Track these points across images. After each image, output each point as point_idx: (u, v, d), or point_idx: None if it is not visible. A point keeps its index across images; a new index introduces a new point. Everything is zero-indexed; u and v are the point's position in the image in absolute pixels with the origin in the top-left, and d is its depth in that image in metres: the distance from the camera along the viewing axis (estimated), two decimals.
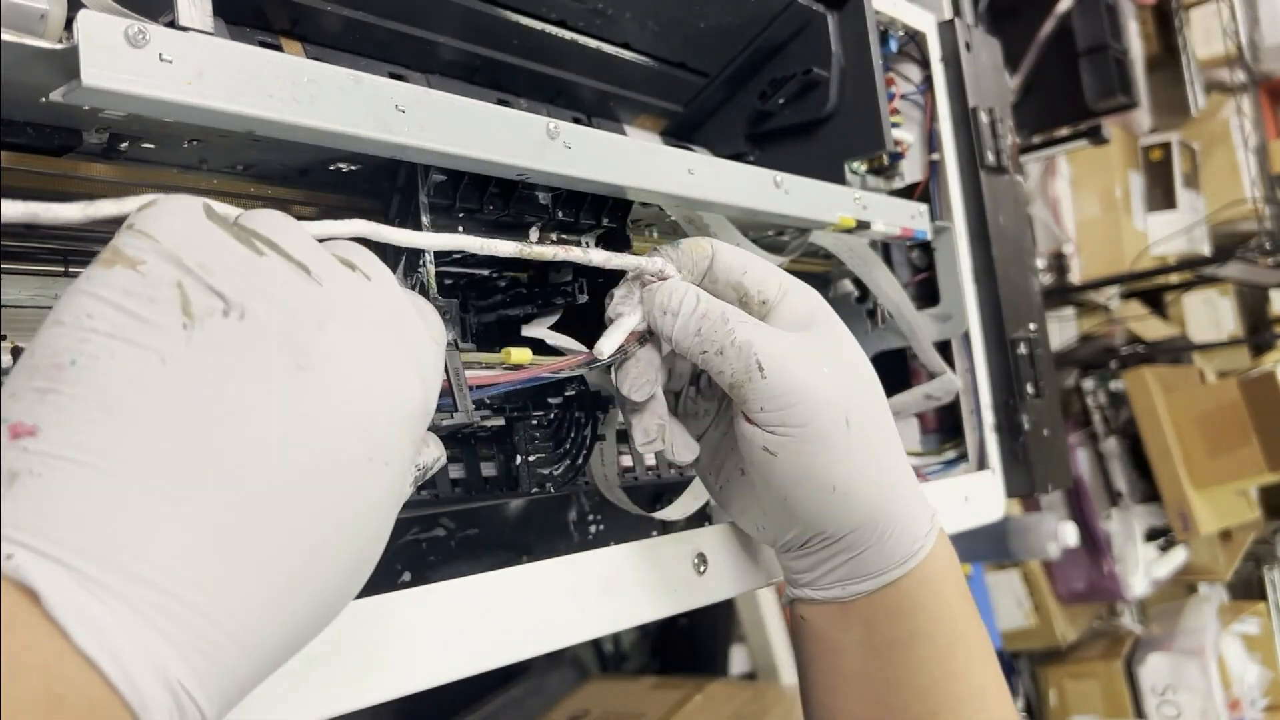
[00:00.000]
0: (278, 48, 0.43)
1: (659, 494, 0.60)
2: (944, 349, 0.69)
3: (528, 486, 0.46)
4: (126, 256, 0.24)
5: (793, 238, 0.59)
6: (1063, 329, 1.91)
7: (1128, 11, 1.63)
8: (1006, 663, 1.52)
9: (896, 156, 0.71)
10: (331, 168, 0.40)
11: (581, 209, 0.45)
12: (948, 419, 0.71)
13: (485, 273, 0.49)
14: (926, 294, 0.71)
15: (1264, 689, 1.69)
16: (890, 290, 0.62)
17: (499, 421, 0.46)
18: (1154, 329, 1.93)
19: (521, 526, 0.41)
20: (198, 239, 0.25)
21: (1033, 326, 0.72)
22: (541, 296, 0.49)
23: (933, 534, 0.42)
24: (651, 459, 0.54)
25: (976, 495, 0.67)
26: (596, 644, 1.17)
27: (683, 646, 1.18)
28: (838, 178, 0.58)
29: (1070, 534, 1.36)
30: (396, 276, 0.39)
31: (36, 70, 0.28)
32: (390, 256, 0.40)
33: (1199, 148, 1.98)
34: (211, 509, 0.23)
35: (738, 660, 1.18)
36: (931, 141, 0.70)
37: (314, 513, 0.25)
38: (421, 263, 0.39)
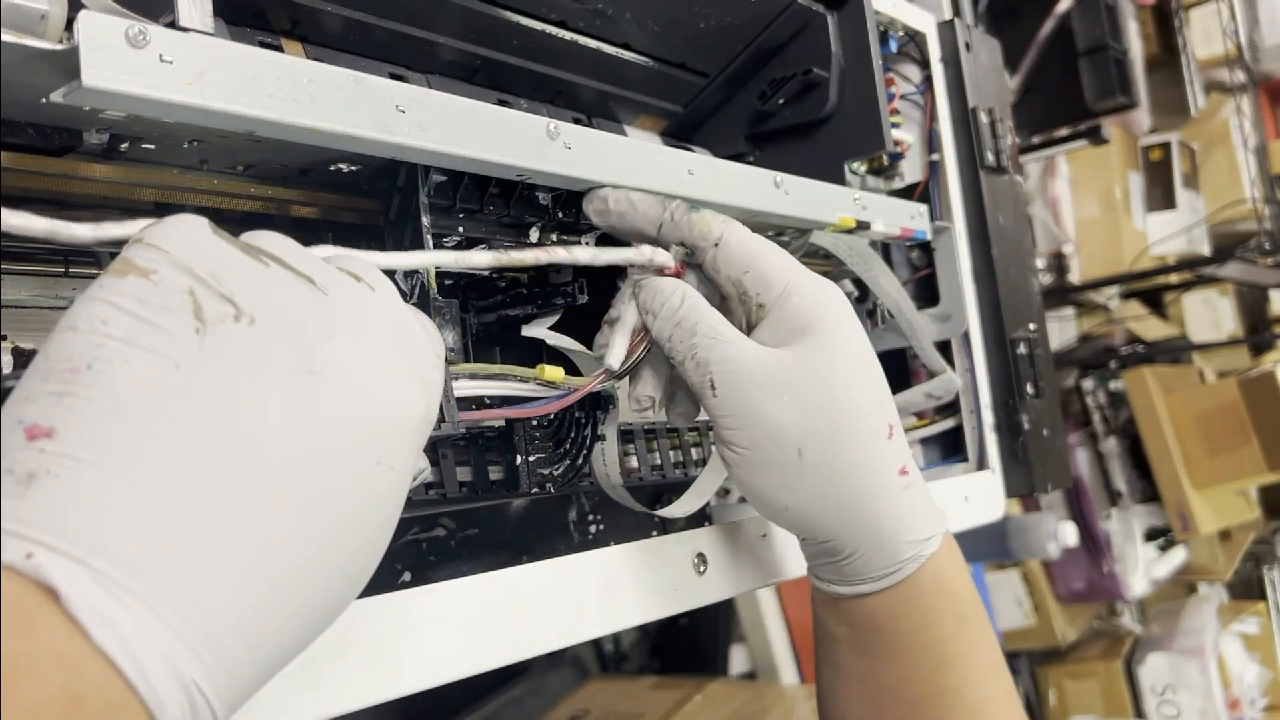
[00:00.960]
0: (278, 48, 0.43)
1: (660, 493, 0.60)
2: (944, 349, 0.69)
3: (528, 486, 0.46)
4: (138, 267, 0.25)
5: (793, 238, 0.59)
6: (1062, 329, 1.91)
7: (1127, 11, 1.63)
8: (1006, 662, 1.52)
9: (896, 157, 0.71)
10: (332, 168, 0.40)
11: (582, 209, 0.45)
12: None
13: (485, 273, 0.49)
14: (926, 294, 0.71)
15: (1263, 689, 1.69)
16: (891, 289, 0.62)
17: (499, 422, 0.46)
18: (1154, 329, 1.93)
19: (521, 526, 0.41)
20: (206, 250, 0.26)
21: (1032, 326, 0.72)
22: (542, 297, 0.49)
23: (920, 556, 0.41)
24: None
25: (976, 495, 0.67)
26: (596, 644, 1.17)
27: (683, 646, 1.18)
28: (837, 178, 0.58)
29: (1070, 534, 1.36)
30: (397, 277, 0.40)
31: (37, 71, 0.28)
32: None
33: (1199, 148, 1.98)
34: (223, 508, 0.23)
35: (737, 660, 1.18)
36: (931, 142, 0.70)
37: (322, 514, 0.25)
38: None
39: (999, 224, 0.71)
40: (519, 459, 0.46)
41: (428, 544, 0.37)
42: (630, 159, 0.42)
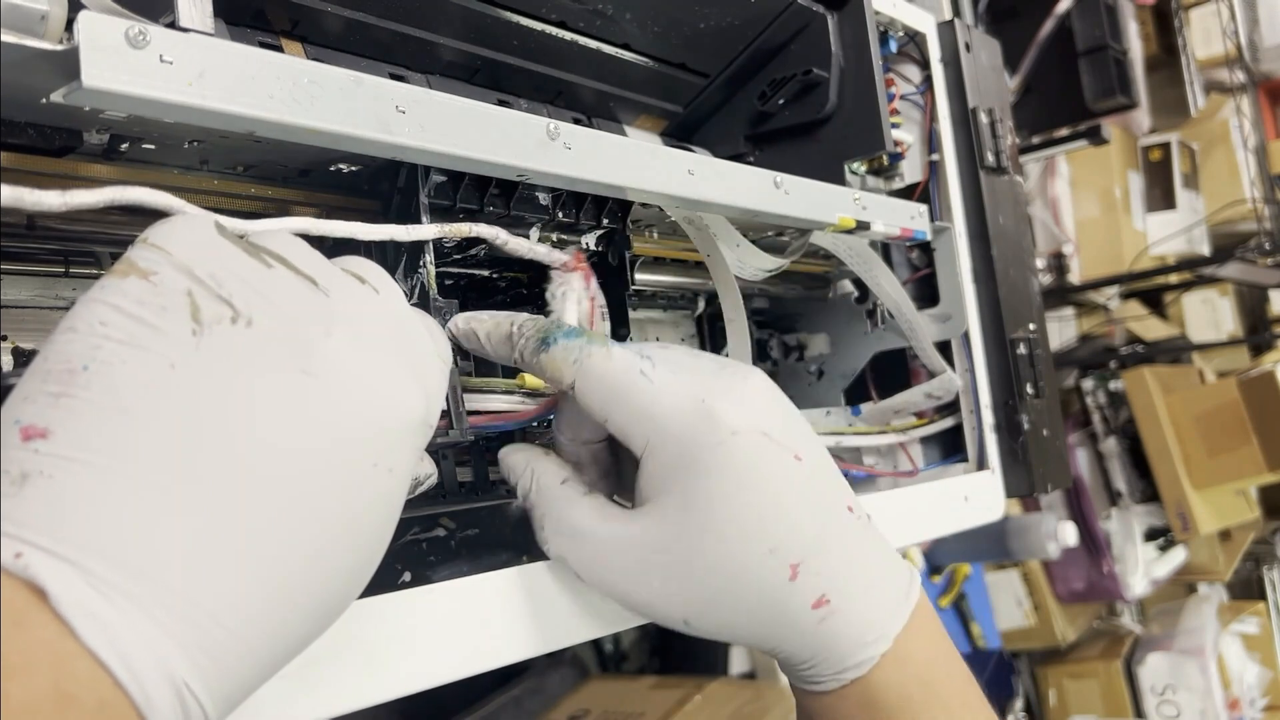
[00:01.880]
0: (278, 49, 0.43)
1: None
2: (944, 349, 0.69)
3: None
4: (140, 268, 0.25)
5: (793, 238, 0.59)
6: (1062, 329, 1.91)
7: (1127, 12, 1.63)
8: (1006, 662, 1.52)
9: (896, 157, 0.71)
10: (332, 168, 0.40)
11: (582, 209, 0.45)
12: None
13: (486, 273, 0.49)
14: (926, 294, 0.71)
15: (1263, 689, 1.69)
16: (891, 289, 0.62)
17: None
18: (1153, 329, 1.93)
19: (521, 526, 0.41)
20: (208, 252, 0.26)
21: (1032, 327, 0.72)
22: (541, 297, 0.49)
23: (867, 661, 0.37)
24: None
25: (976, 495, 0.67)
26: (596, 644, 1.17)
27: (682, 646, 1.18)
28: (837, 178, 0.58)
29: (1070, 534, 1.36)
30: (397, 277, 0.40)
31: (37, 71, 0.28)
32: (390, 258, 0.40)
33: (1198, 148, 1.98)
34: (217, 510, 0.23)
35: (737, 660, 1.18)
36: (931, 142, 0.70)
37: (318, 516, 0.25)
38: (422, 263, 0.39)
39: (999, 224, 0.71)
40: None
41: (428, 544, 0.37)
42: (630, 159, 0.42)
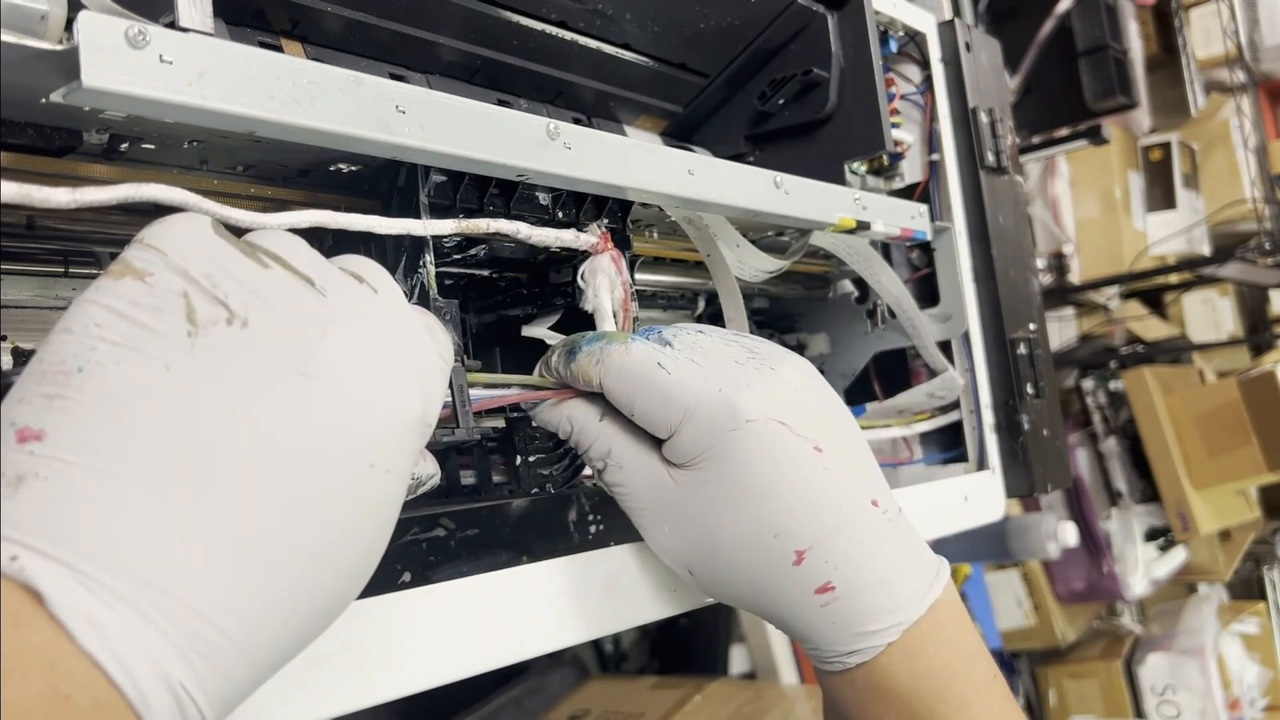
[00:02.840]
0: (278, 48, 0.43)
1: None
2: (944, 349, 0.69)
3: (528, 486, 0.46)
4: (135, 269, 0.25)
5: (793, 238, 0.59)
6: (1062, 329, 1.91)
7: (1127, 12, 1.63)
8: (1006, 662, 1.52)
9: (896, 157, 0.71)
10: (332, 168, 0.40)
11: (582, 209, 0.45)
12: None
13: (486, 273, 0.49)
14: (926, 294, 0.71)
15: (1263, 689, 1.69)
16: (892, 288, 0.62)
17: (499, 423, 0.46)
18: (1154, 329, 1.93)
19: (521, 526, 0.41)
20: (204, 252, 0.26)
21: (1032, 327, 0.72)
22: (541, 297, 0.49)
23: (873, 648, 0.38)
24: None
25: (976, 495, 0.67)
26: (596, 644, 1.17)
27: (682, 646, 1.18)
28: (838, 178, 0.58)
29: (1070, 534, 1.36)
30: (397, 277, 0.40)
31: (37, 71, 0.28)
32: (390, 257, 0.40)
33: (1198, 148, 1.98)
34: (212, 512, 0.23)
35: (737, 660, 1.18)
36: (931, 142, 0.70)
37: (314, 517, 0.25)
38: (422, 263, 0.39)
39: (999, 224, 0.71)
40: (519, 459, 0.46)
41: (428, 544, 0.37)
42: (630, 159, 0.42)
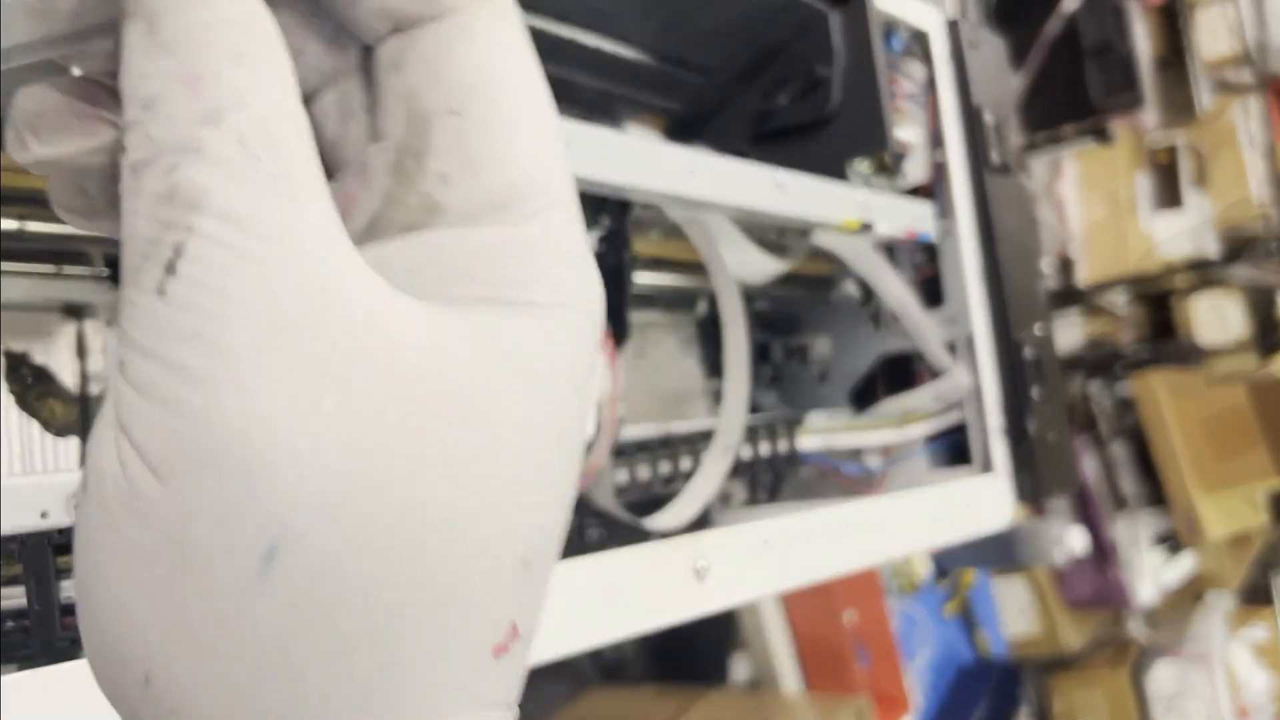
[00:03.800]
0: None
1: (657, 503, 0.59)
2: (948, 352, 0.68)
3: None
4: None
5: (795, 239, 0.58)
6: (1068, 332, 1.90)
7: (1134, 11, 1.62)
8: (1012, 671, 1.50)
9: (900, 157, 0.70)
10: None
11: (581, 209, 0.45)
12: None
13: None
14: (930, 296, 0.70)
15: (1272, 696, 1.67)
16: (896, 289, 0.61)
17: None
18: (1160, 332, 1.92)
19: None
20: None
21: (1039, 329, 0.71)
22: None
23: None
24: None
25: (982, 501, 0.66)
26: (595, 652, 1.16)
27: (683, 654, 1.17)
28: (840, 178, 0.57)
29: (1079, 540, 1.34)
30: None
31: (37, 71, 0.27)
32: None
33: (1206, 149, 1.97)
34: None
35: (738, 668, 1.17)
36: (936, 142, 0.69)
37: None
38: None
39: (1004, 225, 0.70)
40: None
41: None
42: (630, 158, 0.41)
